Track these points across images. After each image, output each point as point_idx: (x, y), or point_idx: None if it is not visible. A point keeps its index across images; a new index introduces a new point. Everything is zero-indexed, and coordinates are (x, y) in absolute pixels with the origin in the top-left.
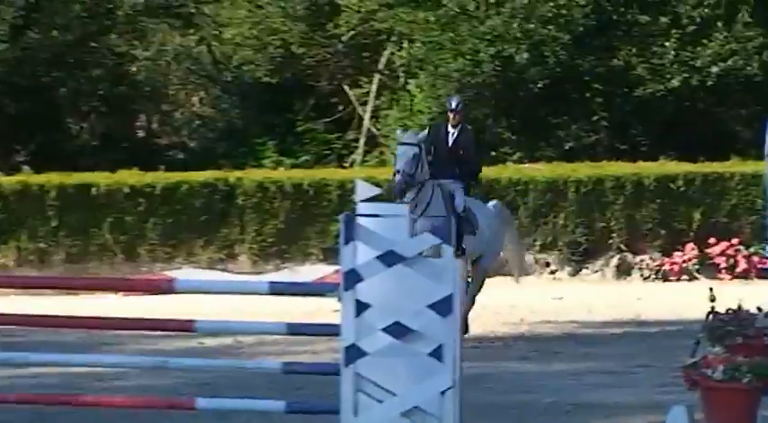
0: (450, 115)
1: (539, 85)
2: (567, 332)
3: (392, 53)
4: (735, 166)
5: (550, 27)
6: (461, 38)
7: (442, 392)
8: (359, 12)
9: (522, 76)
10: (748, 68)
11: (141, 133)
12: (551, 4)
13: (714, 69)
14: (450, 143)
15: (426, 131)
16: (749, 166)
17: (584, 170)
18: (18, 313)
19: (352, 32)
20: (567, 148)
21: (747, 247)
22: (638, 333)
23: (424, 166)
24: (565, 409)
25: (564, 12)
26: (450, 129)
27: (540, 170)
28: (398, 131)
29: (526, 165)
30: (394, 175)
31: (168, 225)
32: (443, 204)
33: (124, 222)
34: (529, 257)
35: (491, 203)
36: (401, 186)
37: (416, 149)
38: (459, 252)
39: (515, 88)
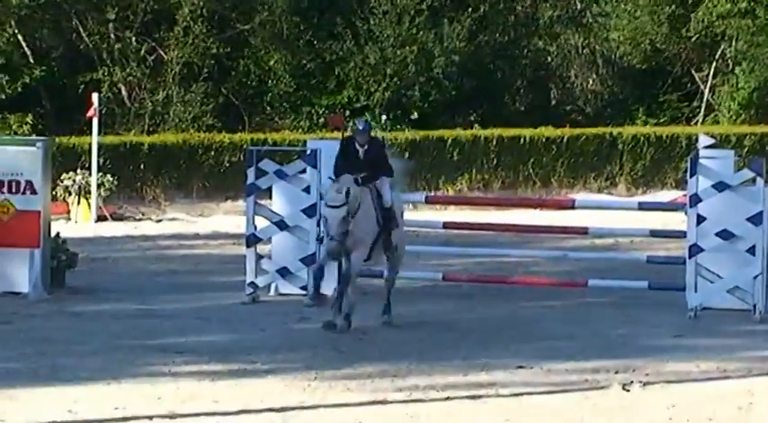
0: (357, 137)
1: None
2: None
3: (725, 48)
4: None
5: None
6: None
7: (755, 277)
8: (703, 21)
9: None
10: None
11: (553, 102)
12: None
13: None
14: (361, 157)
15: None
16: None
17: None
18: (470, 222)
19: (698, 35)
20: None
21: None
22: None
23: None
24: None
25: None
26: (357, 146)
27: None
28: (327, 191)
29: None
30: (326, 236)
31: (572, 164)
32: (374, 213)
33: (542, 161)
34: None
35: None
36: (337, 249)
37: (344, 212)
38: (390, 252)
39: None
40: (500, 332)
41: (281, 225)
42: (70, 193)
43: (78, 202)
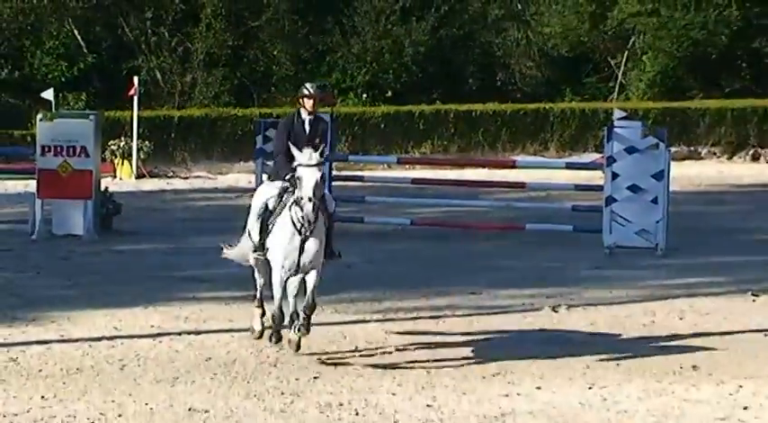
0: (306, 101)
1: None
2: None
3: (635, 40)
4: None
5: None
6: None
7: (657, 222)
8: (617, 18)
9: None
10: None
11: (498, 84)
12: None
13: None
14: (307, 132)
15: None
16: None
17: None
18: (433, 178)
19: (613, 30)
20: None
21: None
22: None
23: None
24: None
25: None
26: (304, 116)
27: None
28: (300, 153)
29: None
30: (302, 199)
31: (513, 132)
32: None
33: (489, 130)
34: None
35: None
36: (316, 214)
37: (321, 172)
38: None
39: None
40: (457, 266)
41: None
42: (116, 156)
43: (122, 163)
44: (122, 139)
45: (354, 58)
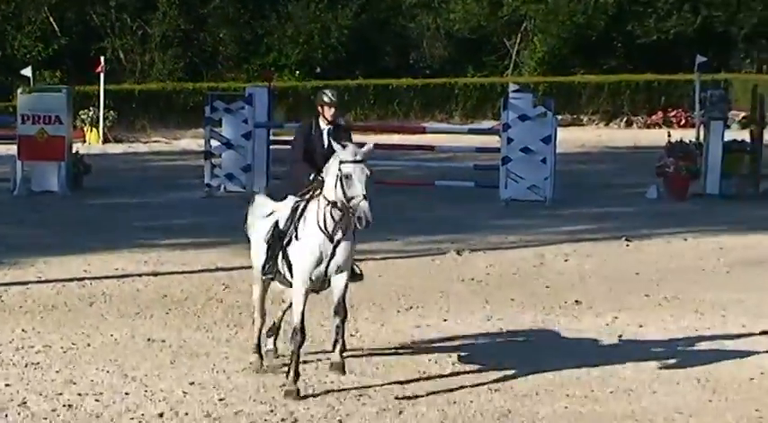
0: (326, 110)
1: None
2: None
3: (526, 25)
4: None
5: None
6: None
7: (545, 178)
8: (511, 5)
9: None
10: None
11: (411, 62)
12: None
13: None
14: (326, 144)
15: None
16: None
17: None
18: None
19: (508, 15)
20: None
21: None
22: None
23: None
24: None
25: None
26: (322, 126)
27: None
28: (343, 149)
29: None
30: (355, 198)
31: (424, 103)
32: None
33: (404, 101)
34: None
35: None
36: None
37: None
38: None
39: None
40: (376, 217)
41: (228, 145)
42: (85, 124)
43: (91, 130)
44: (91, 109)
45: (288, 39)
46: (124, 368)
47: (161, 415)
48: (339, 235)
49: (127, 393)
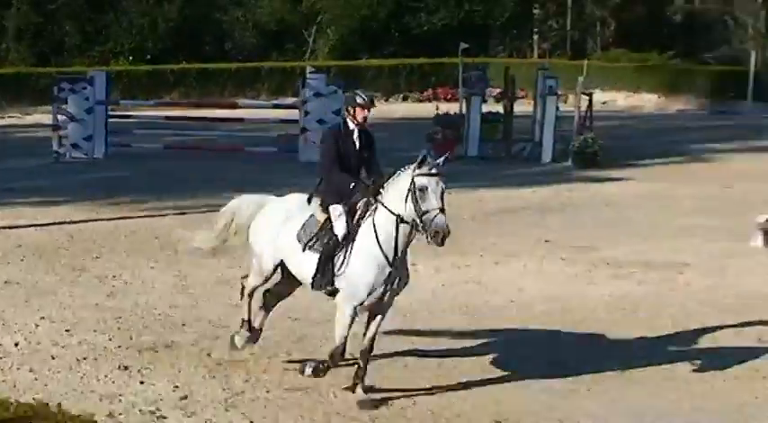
0: (358, 111)
1: None
2: None
3: (321, 17)
4: None
5: None
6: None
7: None
8: (309, 1)
9: None
10: None
11: (227, 49)
12: None
13: None
14: (357, 146)
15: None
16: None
17: None
18: (180, 115)
19: (307, 9)
20: None
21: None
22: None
23: None
24: None
25: None
26: (351, 127)
27: None
28: (427, 157)
29: None
30: (431, 211)
31: (236, 84)
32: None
33: (218, 82)
34: None
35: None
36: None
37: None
38: None
39: None
40: (198, 178)
41: (73, 119)
42: None
43: None
44: None
45: (123, 31)
46: None
47: (17, 344)
48: (399, 255)
49: None
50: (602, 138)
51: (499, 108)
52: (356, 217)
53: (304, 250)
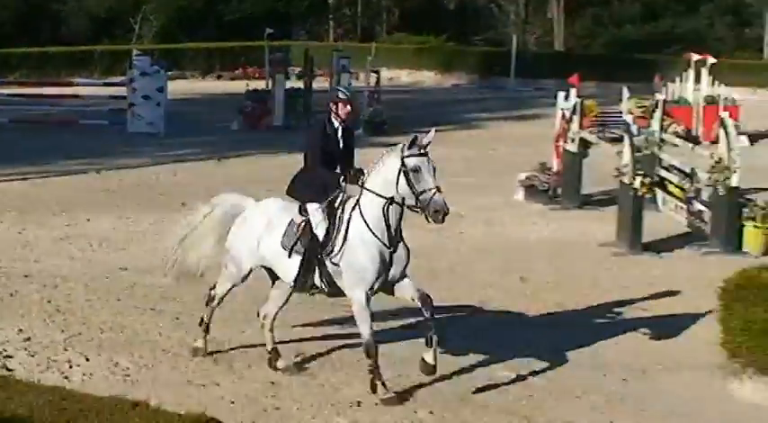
0: (341, 107)
1: None
2: None
3: (145, 8)
4: None
5: None
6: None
7: (160, 117)
8: None
9: None
10: None
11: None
12: None
13: None
14: (341, 143)
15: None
16: None
17: None
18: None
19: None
20: None
21: None
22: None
23: None
24: None
25: None
26: (336, 124)
27: None
28: (417, 137)
29: None
30: (428, 191)
31: (70, 68)
32: None
33: (58, 67)
34: None
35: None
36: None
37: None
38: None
39: None
40: (43, 147)
41: None
42: None
43: None
44: None
45: None
46: None
47: None
48: (394, 234)
49: None
50: (389, 109)
51: (300, 85)
52: (338, 211)
53: (290, 256)
